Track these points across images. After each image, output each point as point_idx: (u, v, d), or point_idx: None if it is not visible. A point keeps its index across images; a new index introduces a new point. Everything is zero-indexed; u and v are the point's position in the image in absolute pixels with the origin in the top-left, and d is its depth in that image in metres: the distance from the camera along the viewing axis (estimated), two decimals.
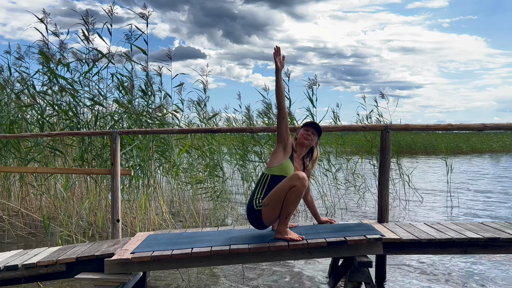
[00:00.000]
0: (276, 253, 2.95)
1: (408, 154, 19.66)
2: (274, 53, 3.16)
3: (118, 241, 3.46)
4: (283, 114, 3.14)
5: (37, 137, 5.32)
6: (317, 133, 3.24)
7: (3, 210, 5.88)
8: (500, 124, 3.75)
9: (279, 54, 3.17)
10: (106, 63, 5.75)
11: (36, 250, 3.41)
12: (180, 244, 3.07)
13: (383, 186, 3.66)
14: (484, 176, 11.63)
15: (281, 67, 3.15)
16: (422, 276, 3.77)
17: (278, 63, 3.14)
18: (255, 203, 3.03)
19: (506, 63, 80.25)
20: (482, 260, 4.17)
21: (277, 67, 3.14)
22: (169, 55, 6.03)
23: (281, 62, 3.16)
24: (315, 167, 3.38)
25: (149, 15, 5.56)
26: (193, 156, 6.84)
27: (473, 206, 7.18)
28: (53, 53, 6.00)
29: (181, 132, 5.03)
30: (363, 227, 3.31)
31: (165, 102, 6.48)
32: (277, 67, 3.14)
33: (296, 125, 6.47)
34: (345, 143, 8.42)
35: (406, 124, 3.85)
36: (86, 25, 5.63)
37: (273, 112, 7.74)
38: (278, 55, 3.17)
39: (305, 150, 3.24)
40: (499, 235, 3.08)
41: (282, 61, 3.17)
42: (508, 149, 24.02)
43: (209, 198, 6.34)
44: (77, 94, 5.80)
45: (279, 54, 3.17)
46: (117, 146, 3.74)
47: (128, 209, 5.16)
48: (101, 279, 2.85)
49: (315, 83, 7.09)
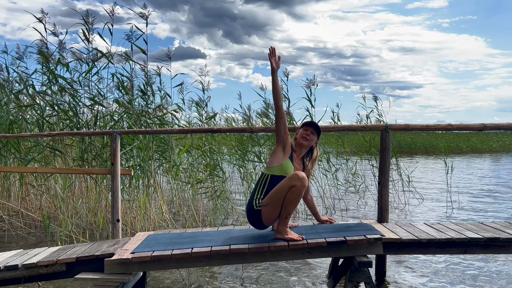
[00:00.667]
0: (276, 253, 2.95)
1: (408, 154, 19.66)
2: (269, 54, 3.17)
3: (118, 241, 3.46)
4: (281, 115, 3.14)
5: (37, 137, 5.32)
6: (316, 132, 3.24)
7: (3, 210, 5.88)
8: (500, 124, 3.75)
9: (274, 55, 3.18)
10: (106, 63, 5.76)
11: (36, 250, 3.41)
12: (180, 244, 3.07)
13: (383, 186, 3.66)
14: (484, 176, 11.63)
15: (276, 67, 3.16)
16: (422, 276, 3.77)
17: (274, 63, 3.15)
18: (255, 203, 3.03)
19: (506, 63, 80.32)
20: (483, 260, 4.17)
21: (273, 67, 3.15)
22: (169, 55, 6.03)
23: (277, 62, 3.17)
24: (315, 167, 3.38)
25: (149, 14, 5.56)
26: (193, 156, 6.84)
27: (473, 206, 7.18)
28: (51, 53, 5.99)
29: (181, 132, 5.02)
30: (363, 227, 3.31)
31: (165, 102, 6.49)
32: (273, 67, 3.15)
33: (296, 126, 6.49)
34: (344, 143, 8.42)
35: (406, 124, 3.85)
36: (86, 25, 5.63)
37: (272, 112, 7.75)
38: (273, 55, 3.18)
39: (304, 150, 3.24)
40: (499, 235, 3.08)
41: (278, 61, 3.18)
42: (508, 149, 24.04)
43: (209, 198, 6.34)
44: (76, 94, 5.80)
45: (274, 54, 3.18)
46: (117, 146, 3.74)
47: (128, 209, 5.16)
48: (101, 279, 2.85)
49: (313, 83, 7.10)
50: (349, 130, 5.93)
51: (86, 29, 5.65)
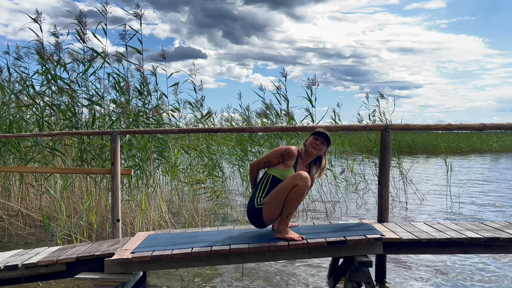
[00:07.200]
0: (276, 252, 2.95)
1: (408, 154, 19.67)
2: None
3: (118, 241, 3.46)
4: (259, 169, 3.26)
5: (37, 137, 5.32)
6: (326, 143, 3.23)
7: (3, 210, 5.87)
8: (500, 124, 3.75)
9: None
10: (102, 63, 5.75)
11: (36, 250, 3.41)
12: (180, 244, 3.07)
13: (383, 186, 3.66)
14: (484, 176, 11.63)
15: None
16: (422, 276, 3.77)
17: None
18: (256, 201, 3.04)
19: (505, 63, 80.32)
20: (483, 259, 4.17)
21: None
22: (163, 55, 6.02)
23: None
24: (323, 175, 3.38)
25: (142, 14, 5.54)
26: (192, 156, 6.83)
27: (473, 205, 7.18)
28: (50, 53, 5.99)
29: (181, 132, 5.03)
30: (363, 227, 3.31)
31: (161, 102, 6.47)
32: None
33: (296, 125, 6.49)
34: (344, 142, 8.43)
35: (406, 124, 3.85)
36: (81, 25, 5.63)
37: (272, 112, 7.75)
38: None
39: (312, 158, 3.24)
40: (499, 235, 3.08)
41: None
42: (508, 149, 24.04)
43: (208, 198, 6.34)
44: (75, 94, 5.79)
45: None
46: (117, 146, 3.73)
47: (128, 209, 5.16)
48: (101, 279, 2.85)
49: (314, 83, 7.10)
50: (349, 130, 5.94)
51: (80, 29, 5.65)
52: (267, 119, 7.75)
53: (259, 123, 8.11)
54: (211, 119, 7.86)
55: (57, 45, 5.99)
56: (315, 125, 5.85)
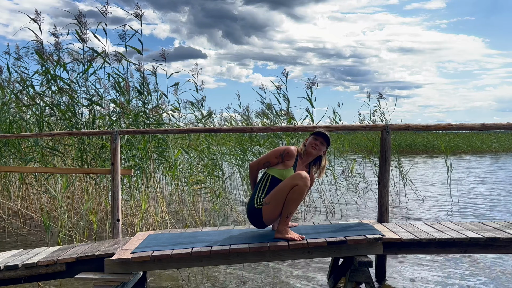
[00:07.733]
0: (276, 252, 2.95)
1: (408, 154, 19.66)
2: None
3: (118, 241, 3.45)
4: (258, 169, 3.26)
5: (37, 137, 5.31)
6: (326, 143, 3.23)
7: (3, 209, 5.87)
8: (500, 124, 3.74)
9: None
10: (102, 63, 5.75)
11: (36, 250, 3.41)
12: (180, 244, 3.07)
13: (383, 186, 3.66)
14: (484, 176, 11.62)
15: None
16: (422, 276, 3.77)
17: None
18: (256, 201, 3.04)
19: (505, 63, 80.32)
20: (483, 259, 4.17)
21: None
22: (163, 55, 6.02)
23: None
24: (322, 175, 3.38)
25: (142, 14, 5.55)
26: (192, 156, 6.83)
27: (473, 205, 7.18)
28: (50, 53, 5.99)
29: (181, 132, 5.02)
30: (363, 227, 3.31)
31: (161, 102, 6.48)
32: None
33: (296, 125, 6.49)
34: (344, 142, 8.42)
35: (406, 124, 3.85)
36: (80, 25, 5.63)
37: (271, 112, 7.75)
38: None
39: (311, 158, 3.24)
40: (499, 235, 3.08)
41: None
42: (508, 149, 24.03)
43: (208, 198, 6.34)
44: (75, 94, 5.79)
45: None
46: (117, 146, 3.73)
47: (128, 209, 5.16)
48: (101, 279, 2.84)
49: (314, 83, 7.09)
50: (349, 130, 5.94)
51: (80, 29, 5.65)
52: (267, 119, 7.75)
53: (259, 123, 8.11)
54: (211, 119, 7.86)
55: (57, 45, 5.99)
56: (315, 125, 5.85)
